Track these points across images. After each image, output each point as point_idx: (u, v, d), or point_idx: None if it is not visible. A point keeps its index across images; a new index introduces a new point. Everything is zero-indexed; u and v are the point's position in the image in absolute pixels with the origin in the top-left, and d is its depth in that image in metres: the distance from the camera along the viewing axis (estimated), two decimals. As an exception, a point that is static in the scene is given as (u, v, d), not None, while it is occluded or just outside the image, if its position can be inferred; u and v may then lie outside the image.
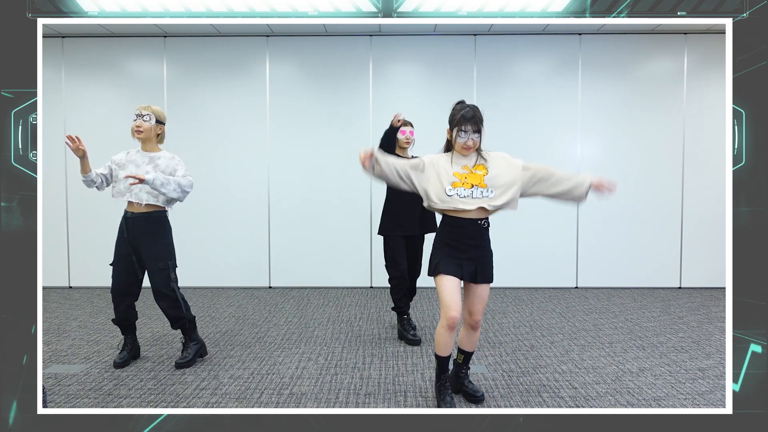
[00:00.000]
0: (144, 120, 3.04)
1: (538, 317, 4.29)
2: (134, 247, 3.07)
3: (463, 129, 2.37)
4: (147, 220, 3.06)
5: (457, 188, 2.37)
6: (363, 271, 5.45)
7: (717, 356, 3.35)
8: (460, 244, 2.42)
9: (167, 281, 3.07)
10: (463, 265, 2.43)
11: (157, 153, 3.11)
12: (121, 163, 3.11)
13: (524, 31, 5.26)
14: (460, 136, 2.38)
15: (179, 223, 5.42)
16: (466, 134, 2.37)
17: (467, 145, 2.38)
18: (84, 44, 5.34)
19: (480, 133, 2.40)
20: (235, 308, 4.60)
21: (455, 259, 2.42)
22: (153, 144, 3.12)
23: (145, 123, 3.05)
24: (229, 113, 5.38)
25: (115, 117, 5.37)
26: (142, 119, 3.04)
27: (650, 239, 5.36)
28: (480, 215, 2.41)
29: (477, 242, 2.45)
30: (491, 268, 2.50)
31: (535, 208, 5.34)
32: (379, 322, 4.16)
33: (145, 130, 3.05)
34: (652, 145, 5.31)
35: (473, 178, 2.39)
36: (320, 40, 5.33)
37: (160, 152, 3.11)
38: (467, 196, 2.37)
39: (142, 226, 3.05)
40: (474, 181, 2.38)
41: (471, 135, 2.37)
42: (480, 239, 2.45)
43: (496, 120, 5.33)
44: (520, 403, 2.65)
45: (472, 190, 2.37)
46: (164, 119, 3.15)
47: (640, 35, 5.26)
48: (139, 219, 3.05)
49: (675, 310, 4.54)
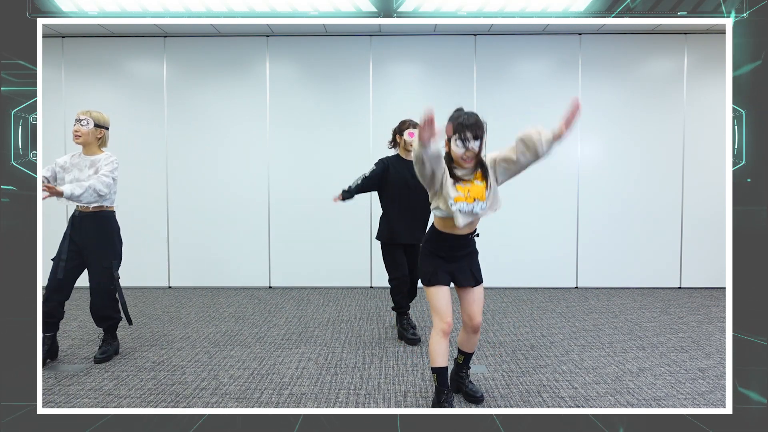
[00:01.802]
0: (82, 125, 3.11)
1: (538, 317, 4.28)
2: (79, 246, 3.13)
3: (461, 137, 2.21)
4: (94, 220, 3.13)
5: (459, 203, 2.24)
6: (363, 271, 5.45)
7: (717, 356, 3.35)
8: (451, 255, 2.43)
9: (110, 280, 3.15)
10: (455, 272, 2.44)
11: (97, 156, 3.17)
12: (65, 166, 3.17)
13: (524, 31, 5.26)
14: (457, 146, 2.23)
15: (179, 223, 5.43)
16: (466, 142, 2.21)
17: (465, 156, 2.24)
18: (84, 44, 5.34)
19: (480, 140, 2.23)
20: (235, 308, 4.60)
21: (446, 266, 2.43)
22: (94, 148, 3.18)
23: (83, 128, 3.11)
24: (229, 113, 5.38)
25: (114, 117, 5.33)
26: (80, 124, 3.11)
27: (650, 239, 5.35)
28: (470, 230, 2.41)
29: (466, 251, 2.45)
30: (480, 267, 2.53)
31: (535, 208, 5.34)
32: (379, 322, 4.16)
33: (83, 135, 3.11)
34: (652, 145, 5.31)
35: (475, 190, 2.27)
36: (320, 40, 5.33)
37: (101, 155, 3.17)
38: (468, 212, 2.26)
39: (89, 225, 3.12)
40: (476, 195, 2.27)
41: (471, 143, 2.22)
42: (469, 247, 2.47)
43: (496, 120, 5.32)
44: (520, 403, 2.65)
45: (474, 204, 2.26)
46: (105, 123, 3.20)
47: (640, 35, 5.26)
48: (87, 218, 3.12)
49: (675, 310, 4.54)
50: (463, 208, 2.25)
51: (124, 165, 5.39)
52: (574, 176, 5.35)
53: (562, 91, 5.29)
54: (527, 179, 5.33)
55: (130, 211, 5.42)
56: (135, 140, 5.37)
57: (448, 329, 2.39)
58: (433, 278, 2.41)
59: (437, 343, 2.39)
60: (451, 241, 2.40)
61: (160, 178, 5.41)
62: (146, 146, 5.38)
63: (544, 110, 5.30)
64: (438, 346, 2.40)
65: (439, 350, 2.40)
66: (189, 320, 4.22)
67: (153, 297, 5.00)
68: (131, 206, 5.41)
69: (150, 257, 5.43)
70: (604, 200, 5.37)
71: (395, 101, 5.32)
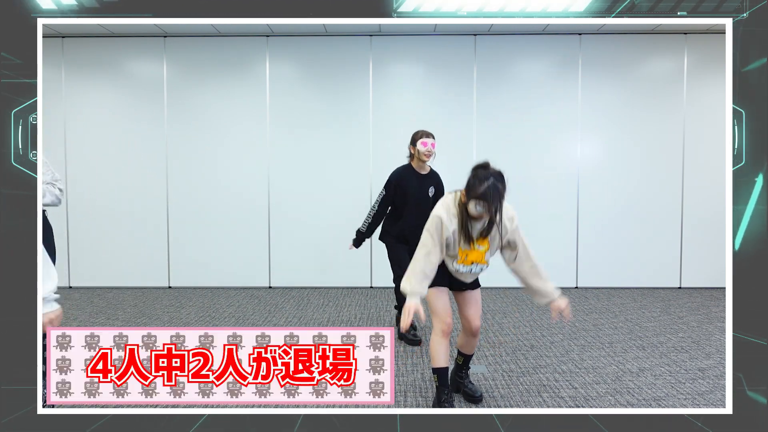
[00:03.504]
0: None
1: (538, 317, 4.28)
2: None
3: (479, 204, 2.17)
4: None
5: (457, 265, 2.37)
6: (363, 271, 5.45)
7: (717, 356, 3.35)
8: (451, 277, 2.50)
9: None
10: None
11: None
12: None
13: (524, 31, 5.26)
14: (476, 209, 2.19)
15: (179, 223, 5.43)
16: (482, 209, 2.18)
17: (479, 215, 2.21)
18: (84, 44, 5.34)
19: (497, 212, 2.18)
20: (235, 308, 4.60)
21: (442, 270, 2.44)
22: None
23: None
24: (229, 113, 5.38)
25: (115, 117, 5.38)
26: None
27: (650, 239, 5.35)
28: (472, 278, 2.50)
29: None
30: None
31: (535, 208, 5.34)
32: (379, 322, 4.16)
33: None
34: (652, 145, 5.31)
35: (474, 255, 2.34)
36: (320, 40, 5.32)
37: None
38: (466, 273, 2.39)
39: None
40: (474, 259, 2.35)
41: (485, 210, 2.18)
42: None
43: (496, 120, 5.33)
44: (520, 403, 2.65)
45: (471, 267, 2.37)
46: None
47: (640, 35, 5.26)
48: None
49: (675, 310, 4.54)
50: (461, 269, 2.37)
51: (124, 165, 5.42)
52: (574, 176, 5.35)
53: (562, 91, 5.30)
54: (527, 179, 5.37)
55: (130, 211, 5.43)
56: (135, 140, 5.37)
57: (448, 329, 2.40)
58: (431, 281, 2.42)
59: (438, 343, 2.41)
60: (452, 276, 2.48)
61: (160, 178, 5.40)
62: (146, 146, 5.38)
63: (544, 110, 5.31)
64: (438, 347, 2.41)
65: (439, 351, 2.41)
66: (189, 320, 4.21)
67: (153, 297, 5.00)
68: (131, 206, 5.42)
69: (150, 257, 5.43)
70: (604, 200, 5.37)
71: (395, 101, 5.32)
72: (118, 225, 5.42)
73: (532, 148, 5.30)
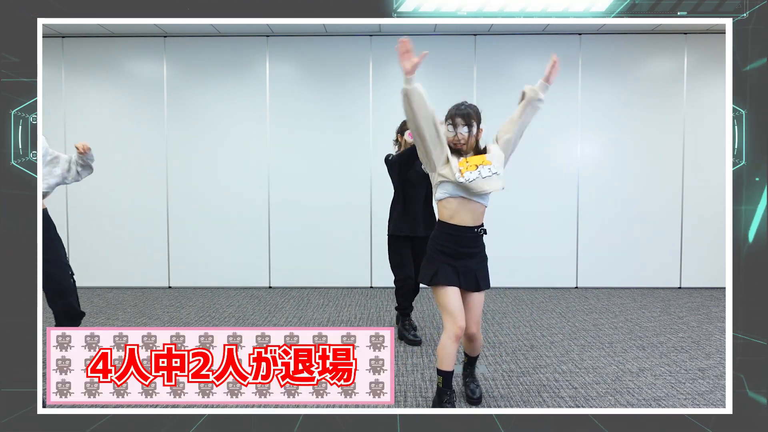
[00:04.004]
0: None
1: (538, 317, 4.28)
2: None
3: (452, 122, 2.39)
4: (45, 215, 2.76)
5: (464, 176, 2.29)
6: (363, 271, 5.45)
7: (717, 356, 3.35)
8: (457, 252, 2.38)
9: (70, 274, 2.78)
10: (460, 273, 2.39)
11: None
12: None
13: (524, 31, 5.25)
14: (449, 131, 2.39)
15: (179, 223, 5.43)
16: (456, 128, 2.38)
17: (455, 141, 2.38)
18: (84, 44, 5.34)
19: (470, 127, 2.38)
20: (235, 308, 4.60)
21: (452, 267, 2.38)
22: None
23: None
24: (229, 113, 5.38)
25: (115, 117, 5.37)
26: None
27: (650, 239, 5.35)
28: (476, 222, 2.38)
29: (473, 250, 2.41)
30: (488, 274, 2.49)
31: (535, 207, 5.34)
32: (379, 322, 4.16)
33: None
34: (652, 145, 5.31)
35: (474, 159, 2.36)
36: (320, 40, 5.32)
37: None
38: (477, 178, 2.30)
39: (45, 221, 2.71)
40: (477, 162, 2.34)
41: (460, 128, 2.37)
42: (476, 246, 2.42)
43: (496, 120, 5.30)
44: (520, 403, 2.65)
45: (479, 169, 2.31)
46: None
47: (640, 35, 5.26)
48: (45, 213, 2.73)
49: (675, 310, 4.54)
50: (470, 177, 2.29)
51: (124, 165, 5.42)
52: (574, 176, 5.35)
53: (562, 91, 5.29)
54: (527, 179, 5.36)
55: (130, 211, 5.43)
56: (135, 140, 5.37)
57: (461, 333, 2.33)
58: (434, 278, 2.37)
59: (448, 346, 2.33)
60: (457, 234, 2.37)
61: (160, 178, 5.40)
62: (146, 146, 5.38)
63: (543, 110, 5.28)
64: (448, 350, 2.34)
65: (449, 353, 2.34)
66: (189, 320, 4.21)
67: (153, 297, 5.00)
68: (131, 206, 5.42)
69: (150, 257, 5.43)
70: (604, 200, 5.37)
71: (395, 101, 5.28)
72: (118, 225, 5.42)
73: (532, 148, 5.29)
